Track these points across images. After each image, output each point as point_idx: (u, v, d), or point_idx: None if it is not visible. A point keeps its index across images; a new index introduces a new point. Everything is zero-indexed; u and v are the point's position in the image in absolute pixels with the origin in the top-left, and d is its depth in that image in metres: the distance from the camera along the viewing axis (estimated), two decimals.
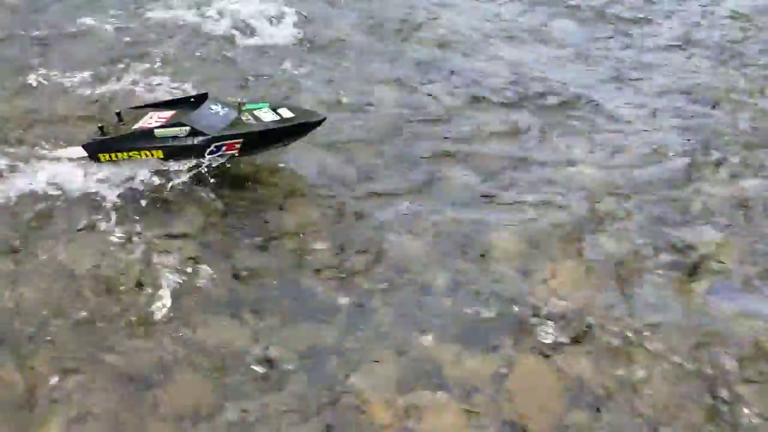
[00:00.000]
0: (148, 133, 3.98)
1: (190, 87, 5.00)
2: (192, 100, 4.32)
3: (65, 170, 4.06)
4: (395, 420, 3.03)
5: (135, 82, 5.12)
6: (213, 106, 4.13)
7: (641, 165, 4.84)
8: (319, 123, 4.22)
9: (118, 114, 4.26)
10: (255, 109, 4.24)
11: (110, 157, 4.04)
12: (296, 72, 5.54)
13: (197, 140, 3.96)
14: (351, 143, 4.76)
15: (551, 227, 4.16)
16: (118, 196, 3.95)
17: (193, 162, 4.02)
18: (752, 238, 4.23)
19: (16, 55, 5.47)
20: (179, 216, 3.95)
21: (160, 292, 3.48)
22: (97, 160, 4.06)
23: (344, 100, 5.25)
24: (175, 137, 3.96)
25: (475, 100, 5.45)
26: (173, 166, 4.04)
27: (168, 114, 4.21)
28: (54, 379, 3.06)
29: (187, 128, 3.94)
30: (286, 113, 4.21)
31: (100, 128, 4.08)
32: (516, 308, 3.59)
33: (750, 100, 5.74)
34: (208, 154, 4.01)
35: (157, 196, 4.00)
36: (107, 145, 4.02)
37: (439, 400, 3.13)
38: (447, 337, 3.42)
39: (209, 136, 3.96)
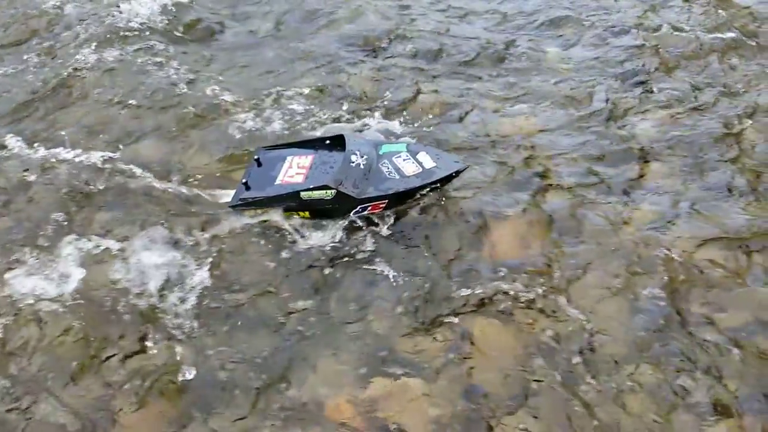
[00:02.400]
0: (294, 195, 3.96)
1: None
2: (327, 141, 4.21)
3: None
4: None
5: None
6: (353, 158, 4.02)
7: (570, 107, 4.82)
8: (460, 172, 4.09)
9: (257, 160, 4.21)
10: (394, 155, 4.12)
11: (257, 212, 4.09)
12: None
13: (343, 202, 3.94)
14: None
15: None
16: None
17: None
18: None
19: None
20: None
21: None
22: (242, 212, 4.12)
23: None
24: (321, 200, 3.94)
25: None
26: None
27: (307, 161, 4.14)
28: None
29: (333, 191, 3.90)
30: (427, 161, 4.08)
31: (245, 184, 4.08)
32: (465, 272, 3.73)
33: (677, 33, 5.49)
34: (354, 214, 4.02)
35: None
36: (254, 204, 4.04)
37: (398, 382, 3.27)
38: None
39: (356, 199, 3.94)
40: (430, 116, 4.84)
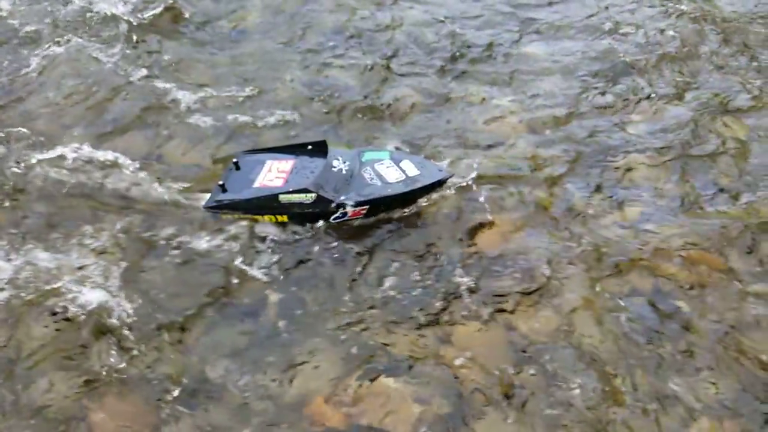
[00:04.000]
0: (272, 198, 3.84)
1: None
2: (309, 147, 4.12)
3: None
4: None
5: None
6: (335, 163, 3.93)
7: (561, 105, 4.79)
8: (444, 182, 4.01)
9: (236, 164, 4.10)
10: (376, 162, 4.03)
11: (233, 216, 3.94)
12: None
13: (323, 207, 3.82)
14: None
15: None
16: None
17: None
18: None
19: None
20: None
21: None
22: (217, 214, 3.97)
23: None
24: (300, 203, 3.82)
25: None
26: None
27: (288, 165, 4.05)
28: None
29: (313, 195, 3.78)
30: (410, 169, 3.99)
31: (221, 186, 3.95)
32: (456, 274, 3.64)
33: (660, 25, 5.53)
34: (333, 219, 3.89)
35: None
36: (230, 206, 3.91)
37: (379, 382, 3.17)
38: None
39: (336, 203, 3.82)
40: (413, 115, 4.80)
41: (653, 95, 4.88)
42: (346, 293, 3.60)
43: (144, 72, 5.15)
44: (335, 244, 3.84)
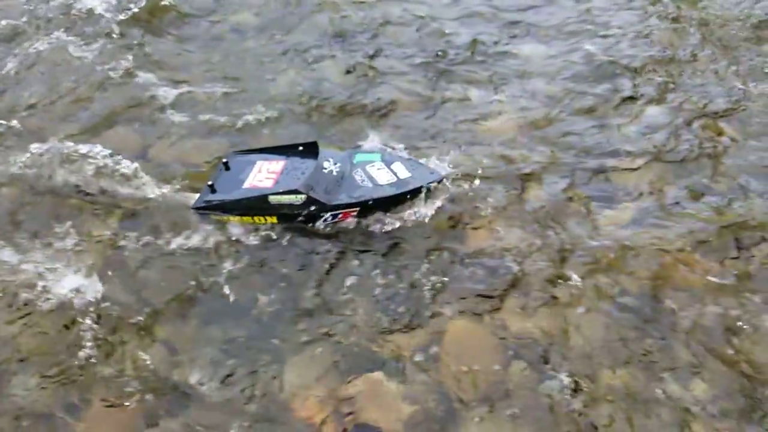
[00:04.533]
0: (261, 199, 3.79)
1: None
2: (300, 148, 4.08)
3: None
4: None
5: None
6: (326, 164, 3.89)
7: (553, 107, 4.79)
8: (436, 183, 3.98)
9: (226, 164, 4.06)
10: (368, 164, 4.00)
11: (221, 218, 3.90)
12: None
13: (313, 208, 3.78)
14: None
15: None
16: None
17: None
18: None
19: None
20: None
21: None
22: (206, 215, 3.93)
23: None
24: (290, 205, 3.78)
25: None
26: None
27: (278, 166, 4.00)
28: None
29: (303, 196, 3.74)
30: (402, 171, 3.97)
31: (210, 186, 3.90)
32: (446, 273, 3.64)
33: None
34: (322, 222, 3.86)
35: None
36: (219, 207, 3.86)
37: (371, 381, 3.17)
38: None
39: (326, 205, 3.78)
40: (407, 115, 4.78)
41: (635, 97, 4.88)
42: (334, 293, 3.57)
43: (126, 68, 5.14)
44: (322, 244, 3.82)
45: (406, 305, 3.49)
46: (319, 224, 3.86)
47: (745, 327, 3.32)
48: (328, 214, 3.82)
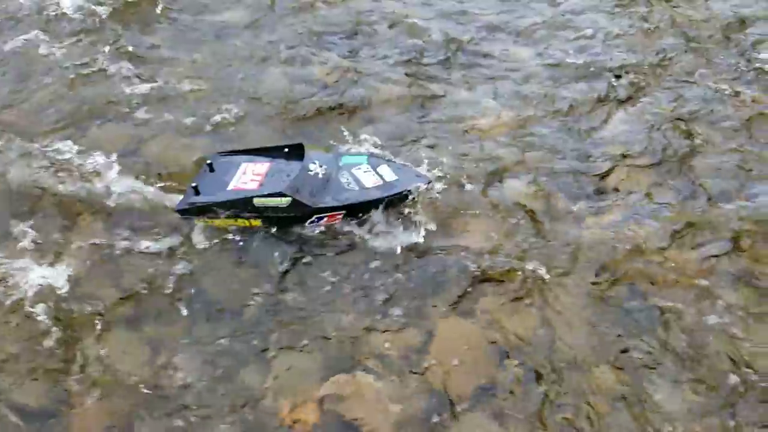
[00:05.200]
0: (246, 201, 3.76)
1: None
2: (286, 150, 4.05)
3: None
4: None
5: None
6: (312, 166, 3.88)
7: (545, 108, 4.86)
8: (423, 187, 3.99)
9: (210, 165, 4.00)
10: (354, 166, 4.00)
11: (205, 221, 3.85)
12: None
13: (299, 211, 3.77)
14: None
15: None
16: None
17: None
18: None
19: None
20: None
21: None
22: (190, 219, 3.88)
23: None
24: (275, 207, 3.76)
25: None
26: None
27: (263, 168, 3.97)
28: None
29: (289, 199, 3.73)
30: (388, 174, 3.97)
31: (194, 188, 3.85)
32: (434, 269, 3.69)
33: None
34: (308, 224, 3.85)
35: None
36: (203, 210, 3.82)
37: (359, 381, 3.20)
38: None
39: (312, 208, 3.77)
40: (396, 112, 4.79)
41: (610, 99, 4.95)
42: (318, 293, 3.58)
43: (102, 65, 5.05)
44: (306, 244, 3.82)
45: (392, 305, 3.51)
46: (305, 227, 3.85)
47: (722, 326, 3.40)
48: (314, 216, 3.81)
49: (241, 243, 3.83)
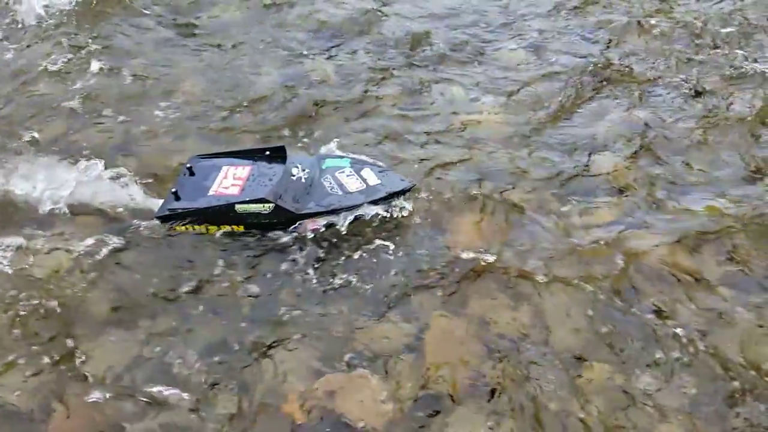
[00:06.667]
0: (228, 208, 3.69)
1: None
2: (267, 153, 3.97)
3: None
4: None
5: None
6: (294, 170, 3.80)
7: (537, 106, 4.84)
8: (406, 191, 3.91)
9: (190, 169, 3.93)
10: (337, 170, 3.92)
11: (186, 228, 3.78)
12: None
13: (282, 217, 3.70)
14: None
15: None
16: None
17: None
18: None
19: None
20: None
21: None
22: (172, 227, 3.80)
23: None
24: (257, 213, 3.68)
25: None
26: None
27: (244, 172, 3.90)
28: None
29: (271, 205, 3.65)
30: (371, 178, 3.89)
31: (174, 193, 3.78)
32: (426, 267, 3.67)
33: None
34: (291, 230, 3.77)
35: None
36: (183, 216, 3.74)
37: (353, 377, 3.19)
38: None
39: (295, 214, 3.70)
40: (389, 112, 4.74)
41: (603, 98, 4.91)
42: (312, 291, 3.53)
43: (80, 62, 4.97)
44: (297, 245, 3.75)
45: (385, 302, 3.47)
46: (289, 231, 3.77)
47: (719, 323, 3.36)
48: (297, 222, 3.73)
49: (229, 243, 3.77)
